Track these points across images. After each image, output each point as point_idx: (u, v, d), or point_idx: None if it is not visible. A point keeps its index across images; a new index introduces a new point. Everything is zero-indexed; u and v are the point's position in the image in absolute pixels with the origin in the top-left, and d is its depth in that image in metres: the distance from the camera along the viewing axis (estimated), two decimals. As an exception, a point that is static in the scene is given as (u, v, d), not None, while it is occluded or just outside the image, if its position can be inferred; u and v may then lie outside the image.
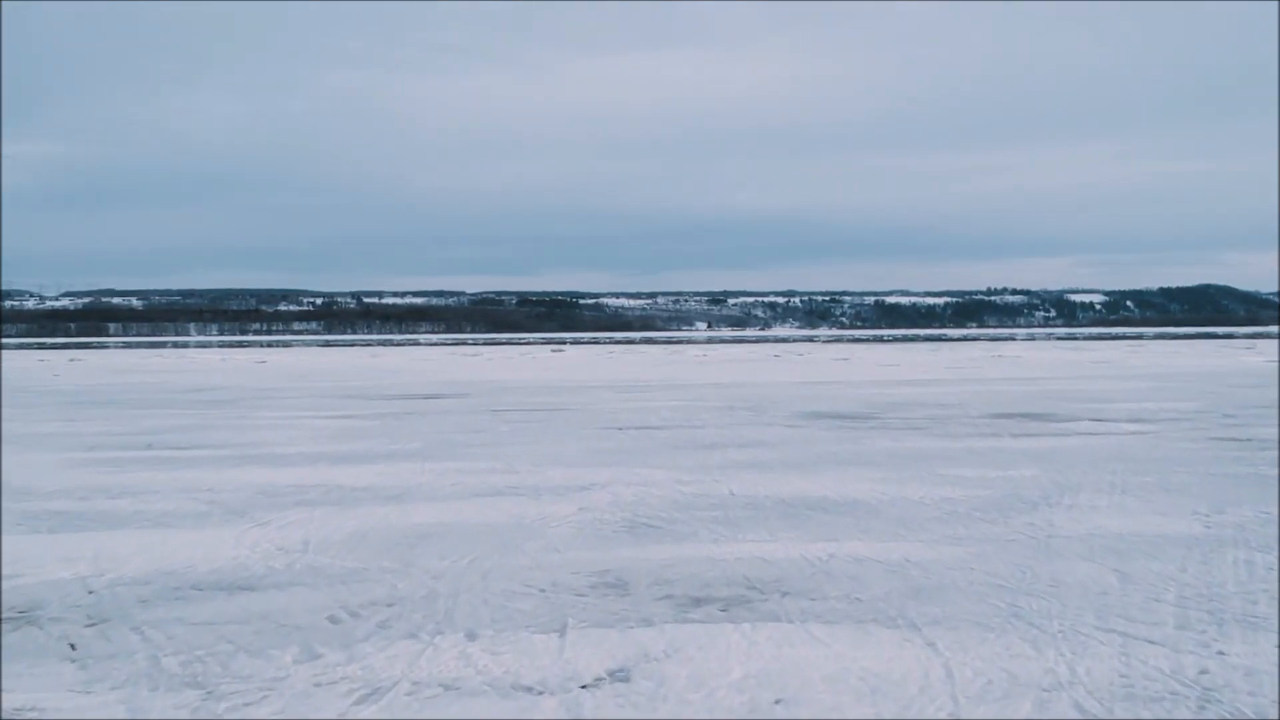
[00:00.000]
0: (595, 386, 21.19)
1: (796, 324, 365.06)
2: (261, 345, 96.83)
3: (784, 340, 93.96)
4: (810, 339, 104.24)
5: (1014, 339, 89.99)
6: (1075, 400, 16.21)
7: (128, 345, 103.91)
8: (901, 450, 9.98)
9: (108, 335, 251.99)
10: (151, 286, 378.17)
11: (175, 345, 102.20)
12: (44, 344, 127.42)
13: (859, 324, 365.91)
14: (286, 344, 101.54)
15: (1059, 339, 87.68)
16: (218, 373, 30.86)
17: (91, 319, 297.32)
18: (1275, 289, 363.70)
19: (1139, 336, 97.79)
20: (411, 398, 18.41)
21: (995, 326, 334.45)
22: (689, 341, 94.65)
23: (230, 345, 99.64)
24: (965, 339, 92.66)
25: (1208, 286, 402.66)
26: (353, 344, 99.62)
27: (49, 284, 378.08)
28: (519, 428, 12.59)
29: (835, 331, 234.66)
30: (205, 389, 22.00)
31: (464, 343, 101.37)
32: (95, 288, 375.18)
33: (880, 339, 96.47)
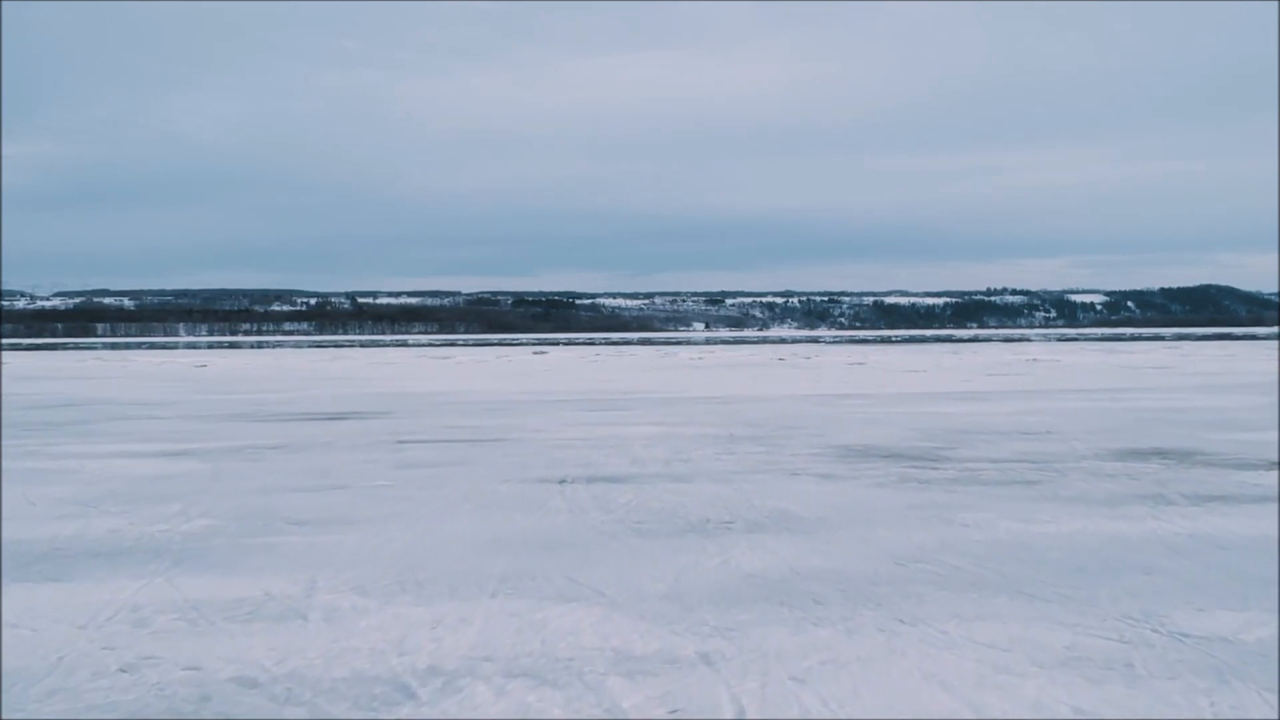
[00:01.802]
0: (560, 401, 16.76)
1: (795, 324, 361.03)
2: (245, 347, 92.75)
3: (786, 342, 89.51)
4: (814, 340, 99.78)
5: (1028, 340, 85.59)
6: (1203, 427, 11.77)
7: (110, 346, 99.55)
8: (1046, 545, 5.53)
9: (95, 336, 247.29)
10: (146, 287, 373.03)
11: (149, 346, 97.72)
12: (18, 345, 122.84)
13: (858, 324, 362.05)
14: (269, 345, 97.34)
15: (1073, 340, 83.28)
16: (128, 380, 26.40)
17: (79, 319, 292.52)
18: (1276, 290, 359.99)
19: (1157, 337, 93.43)
20: (311, 419, 13.97)
21: (996, 327, 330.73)
22: (685, 343, 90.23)
23: (207, 347, 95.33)
24: (976, 340, 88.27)
25: (1209, 287, 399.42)
26: (335, 345, 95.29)
27: (42, 284, 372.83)
28: (408, 478, 8.15)
29: (839, 332, 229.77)
30: (72, 404, 17.56)
31: (453, 344, 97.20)
32: (89, 288, 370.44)
33: (888, 340, 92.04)
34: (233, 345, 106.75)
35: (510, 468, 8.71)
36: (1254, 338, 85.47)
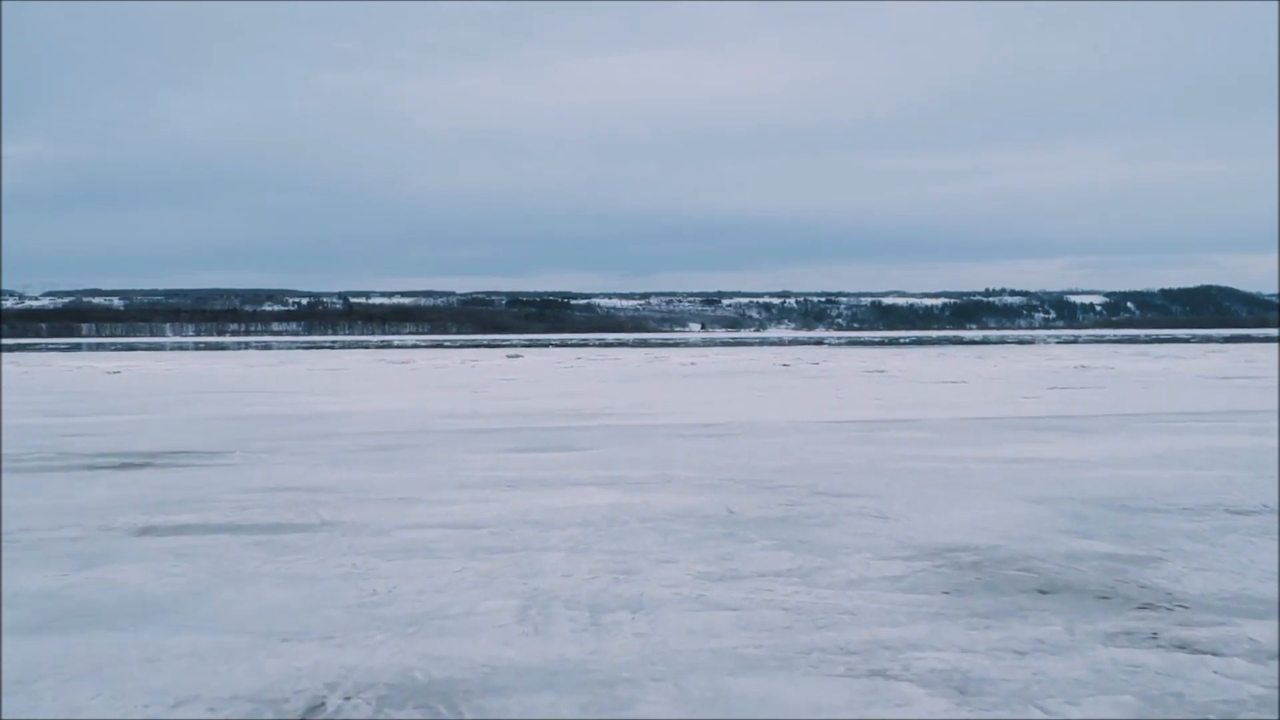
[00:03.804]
0: (491, 430, 12.07)
1: (792, 325, 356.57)
2: (229, 348, 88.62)
3: (788, 344, 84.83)
4: (818, 342, 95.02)
5: (1044, 342, 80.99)
6: None
7: (76, 348, 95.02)
8: None
9: (80, 336, 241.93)
10: (140, 286, 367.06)
11: (116, 348, 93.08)
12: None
13: (855, 325, 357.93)
14: (252, 346, 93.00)
15: (1092, 342, 78.68)
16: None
17: (64, 319, 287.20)
18: (1276, 291, 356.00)
19: (1174, 339, 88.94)
20: (100, 466, 9.25)
21: (995, 328, 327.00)
22: (680, 345, 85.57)
23: (192, 347, 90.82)
24: (986, 342, 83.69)
25: (1209, 288, 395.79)
26: (314, 347, 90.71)
27: (33, 284, 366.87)
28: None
29: (842, 333, 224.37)
30: None
31: (440, 345, 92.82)
32: (81, 287, 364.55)
33: (895, 342, 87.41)
34: (208, 346, 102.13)
35: (233, 649, 4.00)
36: (1272, 340, 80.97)
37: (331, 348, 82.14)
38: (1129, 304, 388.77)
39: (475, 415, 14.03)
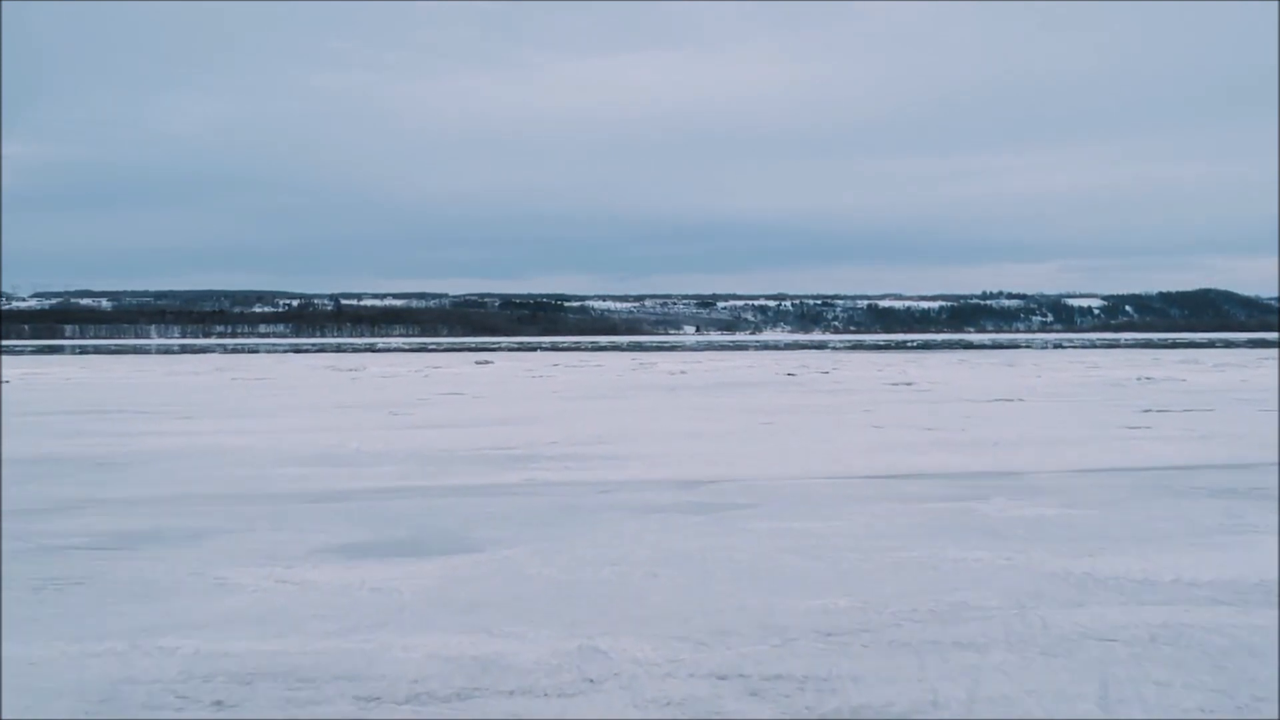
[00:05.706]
0: (354, 492, 7.73)
1: (788, 328, 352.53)
2: (215, 351, 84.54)
3: (788, 348, 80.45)
4: (820, 345, 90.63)
5: (1057, 346, 76.82)
6: None
7: (66, 350, 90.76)
8: None
9: (64, 338, 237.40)
10: (132, 288, 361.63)
11: (88, 351, 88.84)
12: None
13: (852, 328, 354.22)
14: (230, 350, 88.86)
15: (1108, 346, 74.49)
16: None
17: (49, 320, 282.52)
18: (1275, 294, 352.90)
19: (1192, 344, 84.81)
20: None
21: (993, 331, 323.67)
22: (673, 348, 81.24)
23: (178, 350, 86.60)
24: (997, 345, 79.46)
25: (1208, 291, 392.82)
26: (297, 349, 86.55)
27: (22, 285, 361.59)
28: None
29: (843, 336, 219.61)
30: None
31: (426, 348, 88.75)
32: (72, 289, 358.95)
33: (902, 346, 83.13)
34: (186, 349, 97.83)
35: None
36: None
37: (310, 351, 78.09)
38: (1127, 307, 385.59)
39: (355, 459, 9.64)
